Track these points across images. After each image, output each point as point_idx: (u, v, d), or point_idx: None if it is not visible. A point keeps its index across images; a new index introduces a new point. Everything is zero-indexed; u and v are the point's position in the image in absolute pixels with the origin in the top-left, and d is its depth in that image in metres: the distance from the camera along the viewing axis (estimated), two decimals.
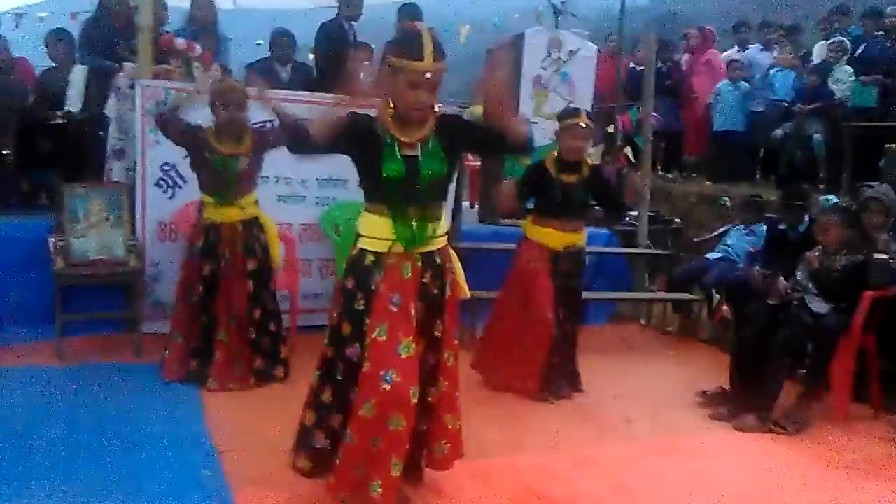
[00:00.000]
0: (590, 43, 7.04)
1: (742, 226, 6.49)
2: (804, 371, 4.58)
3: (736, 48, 9.50)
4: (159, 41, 5.62)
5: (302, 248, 5.51)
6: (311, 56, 7.55)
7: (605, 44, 9.59)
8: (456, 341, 3.09)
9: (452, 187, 3.39)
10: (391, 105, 2.75)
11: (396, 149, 2.75)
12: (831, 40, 7.97)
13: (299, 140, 2.82)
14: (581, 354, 4.83)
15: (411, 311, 2.79)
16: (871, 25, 7.98)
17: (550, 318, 4.46)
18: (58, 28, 6.79)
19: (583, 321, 4.87)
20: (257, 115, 4.73)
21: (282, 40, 6.82)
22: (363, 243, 2.86)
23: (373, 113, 2.83)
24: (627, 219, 6.83)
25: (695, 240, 7.30)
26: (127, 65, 5.63)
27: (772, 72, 8.56)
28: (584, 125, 4.51)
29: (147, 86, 5.18)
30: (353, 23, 7.10)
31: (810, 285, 4.55)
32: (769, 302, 4.66)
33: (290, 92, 5.68)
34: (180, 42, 5.74)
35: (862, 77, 7.52)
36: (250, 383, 4.43)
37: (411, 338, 2.77)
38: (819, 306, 4.49)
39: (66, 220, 4.92)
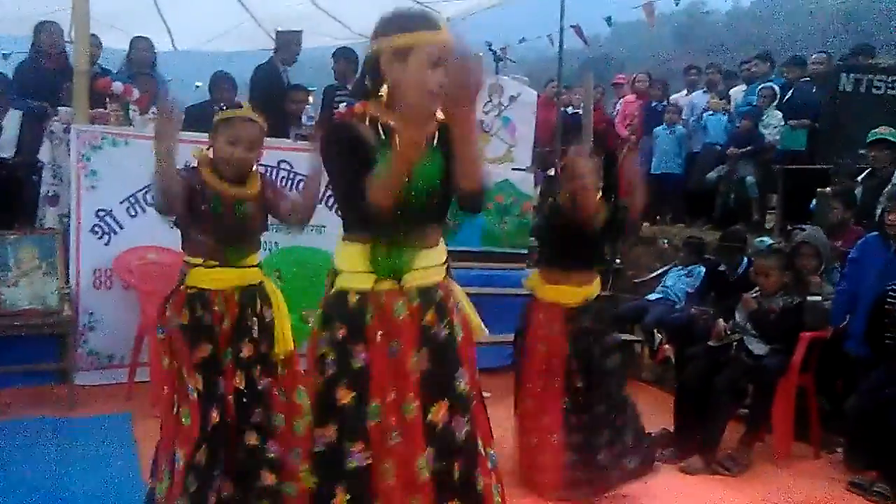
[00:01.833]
0: (529, 88, 7.15)
1: (680, 267, 6.61)
2: (746, 411, 4.65)
3: (685, 91, 9.76)
4: (96, 84, 5.52)
5: None
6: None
7: (543, 89, 9.76)
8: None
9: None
10: (388, 102, 2.12)
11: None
12: (761, 86, 8.24)
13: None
14: None
15: (409, 362, 2.14)
16: (797, 73, 8.27)
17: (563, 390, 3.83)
18: None
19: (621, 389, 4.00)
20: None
21: (222, 83, 6.77)
22: (343, 281, 2.21)
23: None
24: None
25: (634, 281, 7.41)
26: (62, 109, 5.51)
27: (705, 115, 8.82)
28: (575, 162, 3.90)
29: (83, 130, 5.09)
30: (287, 67, 7.13)
31: (749, 326, 4.63)
32: (709, 343, 4.74)
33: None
34: (118, 86, 5.64)
35: (791, 121, 7.78)
36: None
37: (412, 395, 2.13)
38: (758, 347, 4.57)
39: None
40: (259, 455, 2.99)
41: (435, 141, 2.16)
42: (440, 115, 2.13)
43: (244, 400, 2.98)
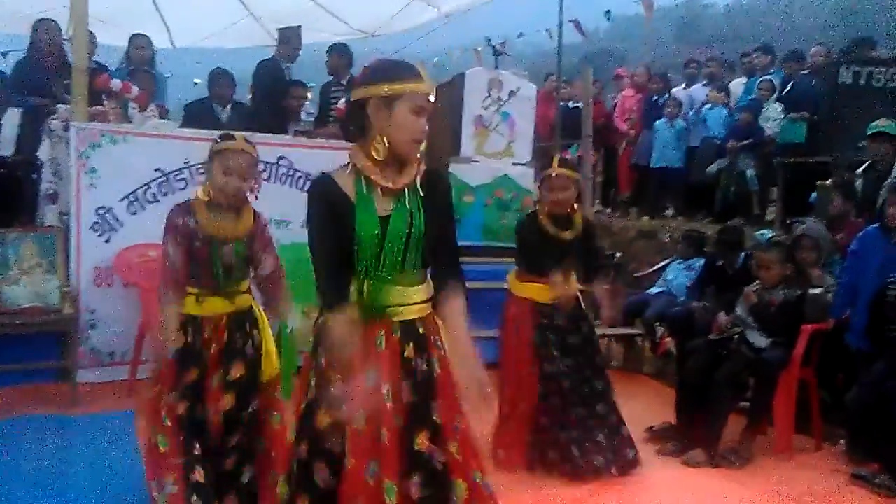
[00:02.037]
0: (528, 83, 7.14)
1: (681, 260, 6.60)
2: (747, 404, 4.65)
3: (684, 85, 9.75)
4: (95, 82, 5.51)
5: None
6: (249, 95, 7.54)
7: (543, 84, 9.75)
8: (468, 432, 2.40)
9: None
10: (378, 146, 2.22)
11: (373, 200, 2.25)
12: (760, 79, 8.23)
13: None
14: None
15: (386, 393, 2.23)
16: (796, 66, 8.26)
17: (533, 376, 4.07)
18: None
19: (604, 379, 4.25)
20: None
21: (221, 80, 6.76)
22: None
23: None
24: None
25: (635, 275, 7.40)
26: (61, 107, 5.50)
27: (704, 108, 8.81)
28: (556, 174, 4.10)
29: (82, 128, 5.09)
30: (289, 63, 7.16)
31: (750, 319, 4.63)
32: (710, 337, 4.74)
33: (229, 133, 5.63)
34: (116, 83, 5.64)
35: (791, 114, 7.77)
36: None
37: (386, 423, 2.22)
38: (759, 340, 4.57)
39: None
40: (233, 480, 3.11)
41: (415, 186, 2.30)
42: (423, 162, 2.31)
43: (229, 422, 3.08)
